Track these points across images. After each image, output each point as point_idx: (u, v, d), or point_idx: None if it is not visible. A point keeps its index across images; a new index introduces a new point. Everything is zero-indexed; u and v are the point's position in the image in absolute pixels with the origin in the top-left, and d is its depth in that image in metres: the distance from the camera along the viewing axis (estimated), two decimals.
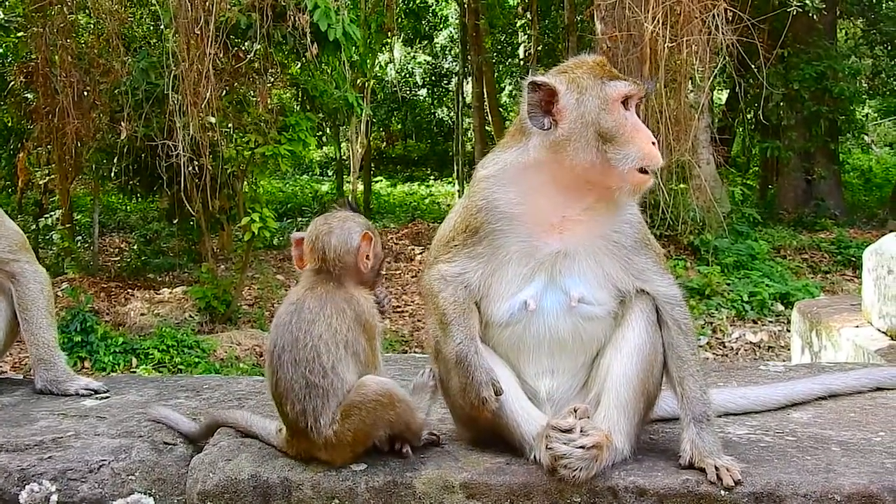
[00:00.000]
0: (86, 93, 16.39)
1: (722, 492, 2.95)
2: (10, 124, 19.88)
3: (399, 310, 16.33)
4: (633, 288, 3.23)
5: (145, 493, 3.24)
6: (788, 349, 14.26)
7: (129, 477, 3.26)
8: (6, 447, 3.39)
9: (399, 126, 38.15)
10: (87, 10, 17.40)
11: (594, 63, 3.19)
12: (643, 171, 3.10)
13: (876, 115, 29.73)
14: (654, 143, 3.11)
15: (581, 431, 2.98)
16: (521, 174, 3.18)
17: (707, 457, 3.04)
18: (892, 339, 7.23)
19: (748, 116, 23.21)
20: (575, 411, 3.04)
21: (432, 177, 35.54)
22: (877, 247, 7.56)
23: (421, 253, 19.87)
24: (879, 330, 7.42)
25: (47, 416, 3.74)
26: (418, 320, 15.44)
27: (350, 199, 21.50)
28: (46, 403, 4.01)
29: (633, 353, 3.17)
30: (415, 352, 13.57)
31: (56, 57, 16.38)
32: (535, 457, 3.08)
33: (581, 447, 2.95)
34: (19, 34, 17.98)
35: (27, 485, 3.22)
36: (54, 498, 3.21)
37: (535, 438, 3.08)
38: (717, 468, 3.00)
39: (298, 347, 3.06)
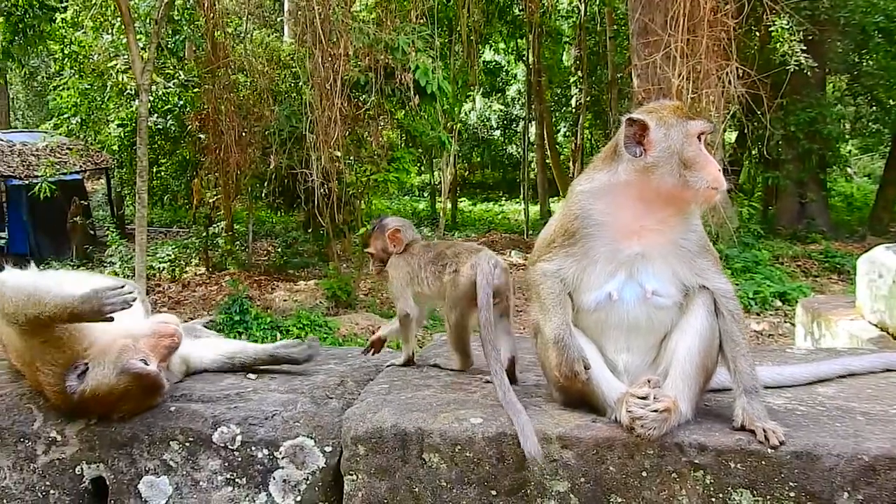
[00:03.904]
0: (243, 133, 16.80)
1: (769, 450, 2.80)
2: (188, 157, 20.49)
3: None
4: (696, 284, 3.08)
5: (308, 437, 3.21)
6: (786, 336, 13.78)
7: (295, 424, 3.24)
8: (202, 398, 3.41)
9: (478, 159, 38.11)
10: (244, 71, 17.85)
11: (674, 106, 3.10)
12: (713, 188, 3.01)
13: (857, 151, 29.10)
14: (719, 170, 3.02)
15: (654, 398, 2.87)
16: (611, 190, 3.06)
17: (756, 421, 2.88)
18: (882, 330, 7.04)
19: (753, 152, 22.51)
20: (649, 382, 2.93)
21: (503, 198, 35.45)
22: (869, 256, 7.35)
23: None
24: (871, 323, 7.23)
25: (230, 375, 3.74)
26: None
27: (440, 215, 21.48)
28: None
29: (695, 335, 3.02)
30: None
31: (222, 107, 16.84)
32: (615, 417, 2.96)
33: (654, 411, 2.84)
34: (195, 90, 18.51)
35: (218, 427, 3.22)
36: (239, 438, 3.21)
37: (616, 403, 2.97)
38: (764, 430, 2.84)
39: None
